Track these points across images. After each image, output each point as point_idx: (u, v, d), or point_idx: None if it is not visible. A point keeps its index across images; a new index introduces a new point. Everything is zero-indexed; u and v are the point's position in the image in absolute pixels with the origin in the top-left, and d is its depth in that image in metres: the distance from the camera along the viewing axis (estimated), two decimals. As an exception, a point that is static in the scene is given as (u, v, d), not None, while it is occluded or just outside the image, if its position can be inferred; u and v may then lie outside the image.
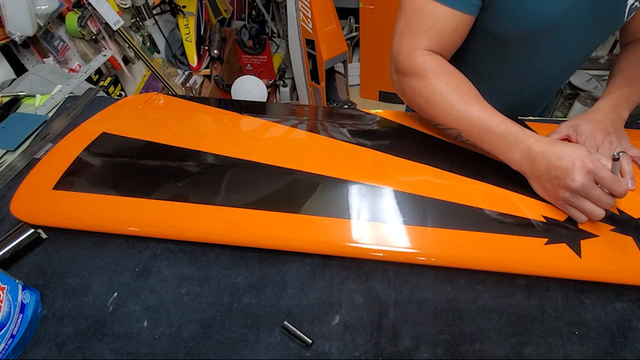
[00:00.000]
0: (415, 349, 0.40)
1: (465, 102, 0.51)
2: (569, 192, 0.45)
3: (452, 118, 0.52)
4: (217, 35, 1.87)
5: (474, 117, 0.50)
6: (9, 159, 0.66)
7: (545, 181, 0.47)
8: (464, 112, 0.51)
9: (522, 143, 0.48)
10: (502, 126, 0.49)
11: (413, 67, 0.54)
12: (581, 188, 0.43)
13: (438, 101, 0.53)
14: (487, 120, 0.49)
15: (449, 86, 0.52)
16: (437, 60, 0.54)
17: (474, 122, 0.50)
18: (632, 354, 0.39)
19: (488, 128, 0.49)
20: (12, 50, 0.99)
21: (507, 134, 0.48)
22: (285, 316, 0.43)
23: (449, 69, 0.54)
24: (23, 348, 0.42)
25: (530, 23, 0.54)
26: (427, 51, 0.54)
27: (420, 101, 0.55)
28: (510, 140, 0.48)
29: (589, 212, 0.44)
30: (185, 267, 0.48)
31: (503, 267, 0.44)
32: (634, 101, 0.57)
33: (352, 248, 0.46)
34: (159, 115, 0.70)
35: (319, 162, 0.56)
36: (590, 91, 1.81)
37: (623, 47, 0.66)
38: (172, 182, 0.54)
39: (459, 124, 0.52)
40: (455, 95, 0.52)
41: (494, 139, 0.49)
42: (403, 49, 0.55)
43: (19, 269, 0.49)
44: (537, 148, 0.46)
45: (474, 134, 0.51)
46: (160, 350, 0.41)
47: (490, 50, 0.62)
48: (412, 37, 0.54)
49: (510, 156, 0.49)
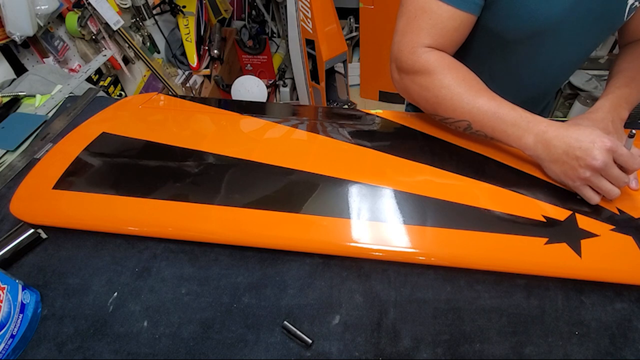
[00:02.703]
0: (415, 349, 0.40)
1: (474, 94, 0.52)
2: (590, 171, 0.45)
3: (462, 110, 0.53)
4: (217, 35, 1.87)
5: (484, 107, 0.51)
6: (9, 159, 0.66)
7: (563, 163, 0.48)
8: (473, 103, 0.51)
9: (535, 128, 0.49)
10: (513, 113, 0.50)
11: (417, 64, 0.54)
12: (603, 166, 0.44)
13: (447, 95, 0.53)
14: (497, 109, 0.50)
15: (455, 79, 0.52)
16: (441, 56, 0.54)
17: (484, 112, 0.51)
18: (632, 354, 0.39)
19: (499, 116, 0.50)
20: (12, 50, 0.99)
21: (518, 121, 0.49)
22: (285, 316, 0.43)
23: (454, 62, 0.54)
24: (23, 348, 0.42)
25: (532, 22, 0.54)
26: (429, 48, 0.54)
27: (428, 96, 0.55)
28: (523, 126, 0.49)
29: (607, 191, 0.46)
30: (185, 267, 0.48)
31: (503, 267, 0.44)
32: (634, 101, 0.57)
33: (352, 248, 0.46)
34: (159, 116, 0.70)
35: (319, 162, 0.56)
36: (590, 91, 1.81)
37: (622, 48, 0.66)
38: (172, 182, 0.54)
39: (469, 115, 0.52)
40: (463, 87, 0.52)
41: (506, 127, 0.50)
42: (405, 47, 0.55)
43: (19, 269, 0.49)
44: (551, 132, 0.48)
45: (485, 124, 0.52)
46: (160, 350, 0.41)
47: (492, 49, 0.62)
48: (414, 35, 0.54)
49: (523, 142, 0.50)
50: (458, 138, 0.59)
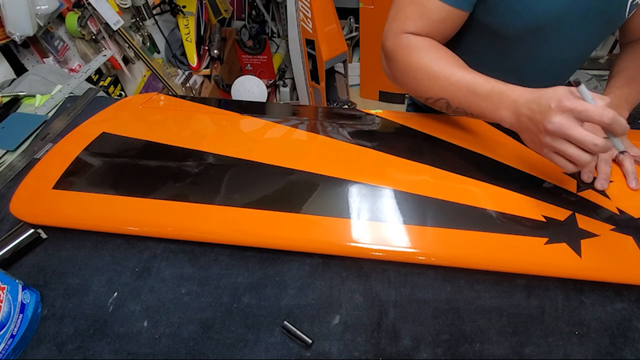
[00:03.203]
0: (415, 349, 0.40)
1: (449, 70, 0.51)
2: (549, 136, 0.42)
3: (438, 88, 0.52)
4: (217, 35, 1.86)
5: (459, 82, 0.50)
6: (9, 159, 0.66)
7: (529, 131, 0.45)
8: (449, 80, 0.51)
9: (508, 99, 0.46)
10: (486, 86, 0.48)
11: (398, 47, 0.56)
12: (559, 129, 0.40)
13: (424, 74, 0.53)
14: (471, 83, 0.49)
15: (432, 59, 0.53)
16: (422, 39, 0.55)
17: (459, 88, 0.50)
18: (632, 354, 0.39)
19: (472, 91, 0.49)
20: (12, 50, 0.99)
21: (491, 93, 0.48)
22: (285, 316, 0.43)
23: (433, 44, 0.55)
24: (23, 348, 0.42)
25: (530, 18, 0.54)
26: (414, 35, 0.55)
27: (408, 79, 0.56)
28: (496, 99, 0.47)
29: (573, 157, 0.41)
30: (185, 267, 0.48)
31: (503, 267, 0.44)
32: (634, 101, 0.57)
33: (352, 248, 0.46)
34: (159, 116, 0.70)
35: (319, 162, 0.56)
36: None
37: (623, 47, 0.66)
38: (172, 182, 0.54)
39: (446, 93, 0.52)
40: (440, 65, 0.52)
41: (480, 100, 0.49)
42: (391, 33, 0.57)
43: (19, 269, 0.49)
44: (521, 100, 0.45)
45: (461, 100, 0.51)
46: (160, 350, 0.41)
47: (493, 46, 0.62)
48: (401, 22, 0.56)
49: (498, 114, 0.48)
50: (458, 138, 0.60)
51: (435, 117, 0.64)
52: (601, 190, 0.50)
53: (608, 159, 0.53)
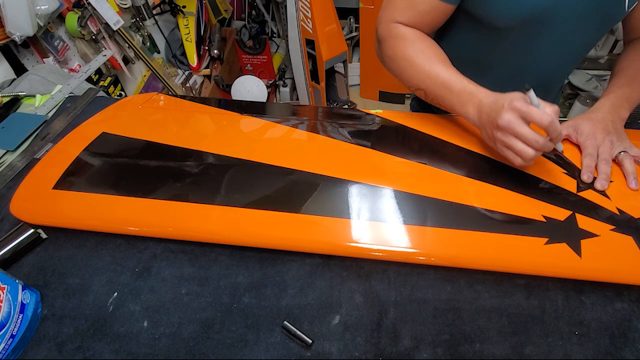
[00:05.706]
0: (415, 349, 0.40)
1: (430, 64, 0.56)
2: (499, 131, 0.48)
3: (418, 79, 0.57)
4: (217, 35, 1.86)
5: (437, 76, 0.55)
6: (9, 159, 0.66)
7: (485, 127, 0.51)
8: (428, 72, 0.56)
9: (475, 98, 0.52)
10: (460, 84, 0.53)
11: (388, 35, 0.60)
12: (507, 125, 0.46)
13: (407, 65, 0.58)
14: (447, 79, 0.54)
15: (416, 51, 0.57)
16: (411, 30, 0.59)
17: (435, 82, 0.55)
18: (632, 354, 0.39)
19: (447, 86, 0.54)
20: (12, 50, 0.99)
21: (462, 91, 0.53)
22: (285, 316, 0.43)
23: (420, 36, 0.59)
24: (23, 348, 0.42)
25: (520, 10, 0.54)
26: (403, 25, 0.59)
27: (394, 66, 0.61)
28: (465, 96, 0.53)
29: (519, 151, 0.47)
30: (185, 267, 0.48)
31: (503, 267, 0.44)
32: (635, 101, 0.57)
33: (352, 248, 0.46)
34: (159, 115, 0.70)
35: (319, 162, 0.56)
36: (590, 91, 1.82)
37: (625, 45, 0.66)
38: (172, 182, 0.54)
39: (424, 84, 0.57)
40: (421, 59, 0.57)
41: (452, 96, 0.54)
42: (382, 20, 0.61)
43: (19, 269, 0.49)
44: (485, 100, 0.50)
45: (437, 93, 0.56)
46: (160, 350, 0.41)
47: (486, 38, 0.62)
48: (390, 12, 0.60)
49: (465, 110, 0.53)
50: (458, 138, 0.60)
51: (435, 117, 0.64)
52: (601, 190, 0.50)
53: (608, 159, 0.52)
